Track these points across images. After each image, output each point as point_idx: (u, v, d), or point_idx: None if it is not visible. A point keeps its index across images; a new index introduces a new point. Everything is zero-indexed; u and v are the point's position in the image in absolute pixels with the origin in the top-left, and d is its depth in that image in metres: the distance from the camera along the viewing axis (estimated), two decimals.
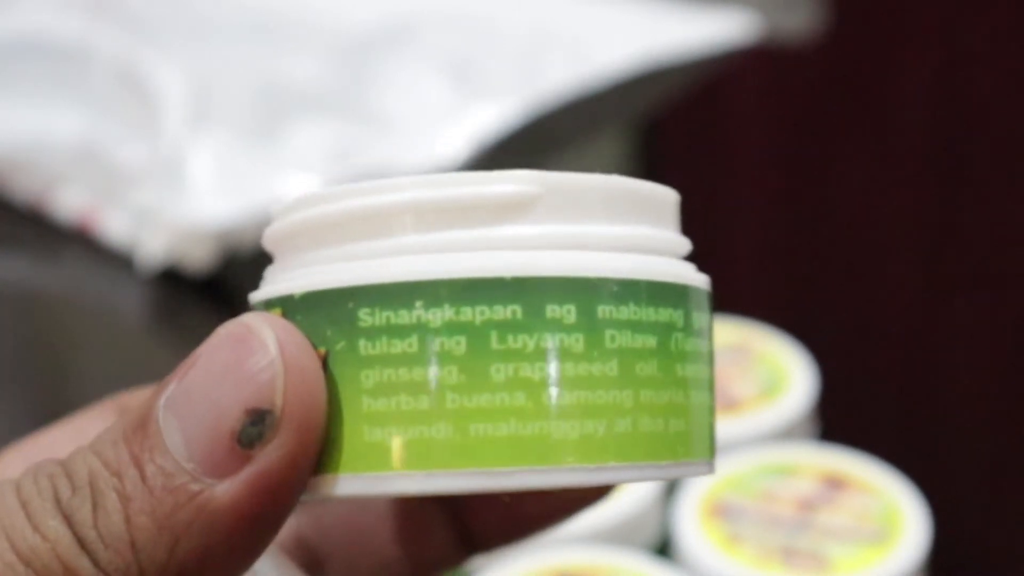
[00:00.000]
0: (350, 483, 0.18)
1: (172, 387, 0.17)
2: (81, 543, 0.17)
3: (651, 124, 0.78)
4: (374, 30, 0.67)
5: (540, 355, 0.18)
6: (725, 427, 0.44)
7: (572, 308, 0.18)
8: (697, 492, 0.41)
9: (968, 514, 0.72)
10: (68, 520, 0.17)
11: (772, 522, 0.40)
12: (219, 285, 0.51)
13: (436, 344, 0.18)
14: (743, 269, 0.88)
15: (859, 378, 0.82)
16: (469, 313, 0.18)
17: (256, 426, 0.17)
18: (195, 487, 0.17)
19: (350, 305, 0.18)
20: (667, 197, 0.21)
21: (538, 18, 0.70)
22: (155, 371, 0.19)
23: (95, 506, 0.17)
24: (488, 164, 0.57)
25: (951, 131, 0.81)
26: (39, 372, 0.56)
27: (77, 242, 0.55)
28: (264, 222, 0.25)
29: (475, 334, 0.18)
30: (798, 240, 0.88)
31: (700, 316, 0.20)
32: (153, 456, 0.17)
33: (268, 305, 0.19)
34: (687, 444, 0.19)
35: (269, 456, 0.17)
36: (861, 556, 0.39)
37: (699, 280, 0.20)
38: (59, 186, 0.57)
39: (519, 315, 0.18)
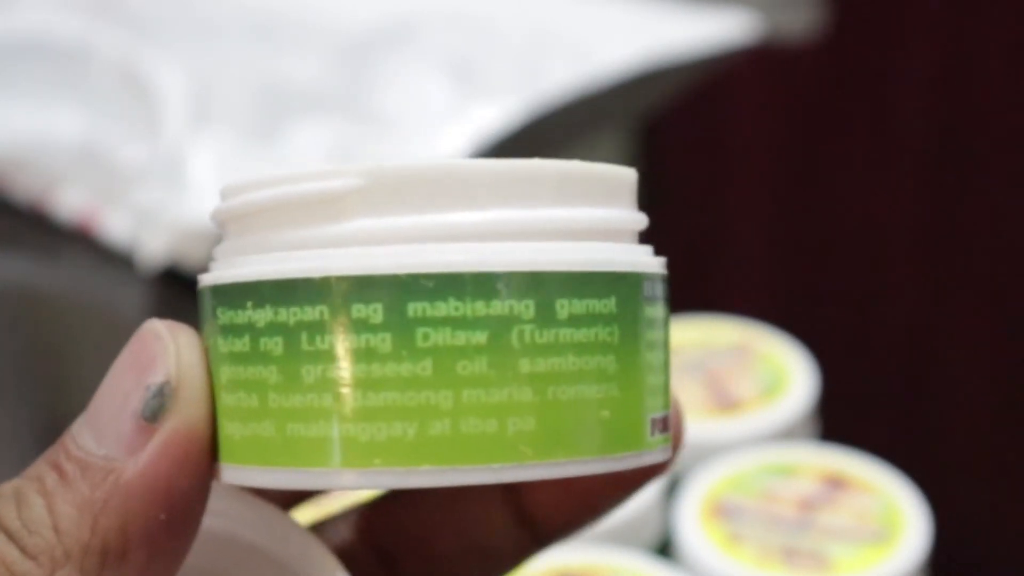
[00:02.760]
0: (227, 473, 0.19)
1: (86, 410, 0.19)
2: (8, 534, 0.18)
3: (651, 124, 0.78)
4: (374, 30, 0.67)
5: (346, 356, 0.18)
6: (725, 427, 0.44)
7: (379, 307, 0.18)
8: (698, 492, 0.41)
9: (968, 514, 0.72)
10: None
11: (773, 522, 0.40)
12: None
13: (261, 344, 0.18)
14: (743, 269, 0.88)
15: (859, 378, 0.82)
16: (284, 314, 0.18)
17: (157, 398, 0.18)
18: (108, 467, 0.18)
19: (212, 304, 0.19)
20: (513, 173, 0.19)
21: (538, 18, 0.70)
22: None
23: (19, 504, 0.18)
24: None
25: (951, 130, 0.81)
26: (39, 372, 0.56)
27: (78, 242, 0.55)
28: None
29: (289, 335, 0.18)
30: (798, 240, 0.88)
31: (577, 303, 0.18)
32: (69, 457, 0.18)
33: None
34: (538, 443, 0.18)
35: (172, 423, 0.18)
36: (862, 556, 0.39)
37: (566, 262, 0.18)
38: (60, 186, 0.57)
39: (326, 315, 0.18)
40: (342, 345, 0.18)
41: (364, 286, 0.18)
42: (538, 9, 0.72)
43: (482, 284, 0.18)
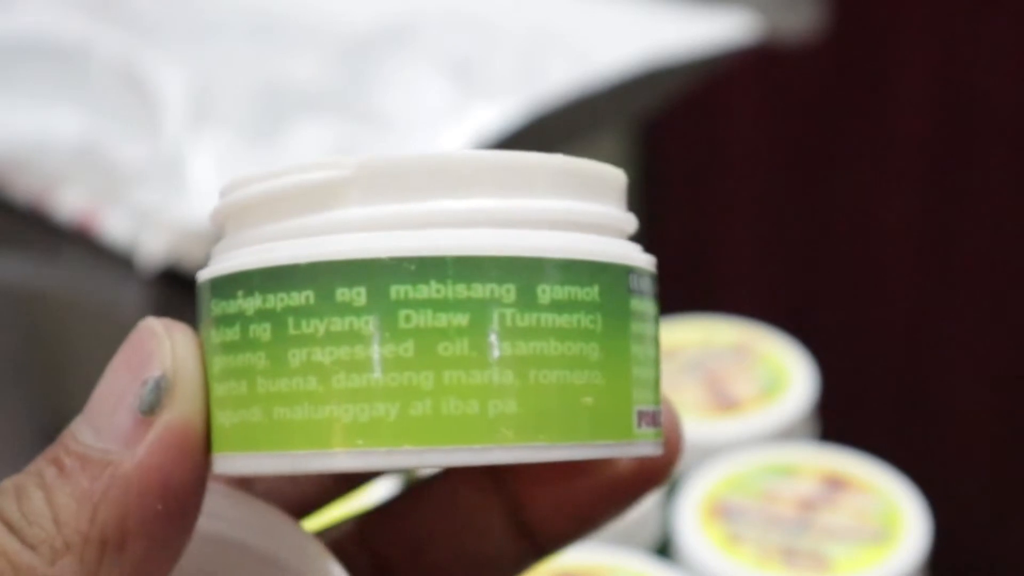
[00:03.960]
0: (218, 462, 0.19)
1: (85, 407, 0.19)
2: (8, 526, 0.18)
3: (651, 124, 0.78)
4: (374, 30, 0.67)
5: (330, 339, 0.18)
6: (725, 427, 0.44)
7: (362, 290, 0.18)
8: (697, 492, 0.41)
9: (968, 514, 0.72)
10: None
11: (772, 522, 0.40)
12: None
13: (250, 331, 0.19)
14: (743, 269, 0.88)
15: (859, 378, 0.82)
16: (272, 300, 0.19)
17: (153, 392, 0.19)
18: (106, 460, 0.19)
19: (207, 297, 0.20)
20: (499, 164, 0.19)
21: (538, 18, 0.70)
22: None
23: (19, 497, 0.19)
24: None
25: (951, 131, 0.81)
26: (39, 372, 0.56)
27: (77, 242, 0.55)
28: None
29: (277, 320, 0.18)
30: (798, 240, 0.88)
31: (559, 289, 0.18)
32: (68, 452, 0.19)
33: None
34: (519, 426, 0.18)
35: (167, 416, 0.19)
36: (861, 556, 0.39)
37: (547, 249, 0.19)
38: (59, 186, 0.57)
39: (311, 300, 0.18)
40: (327, 328, 0.18)
41: (348, 270, 0.18)
42: (538, 9, 0.72)
43: (463, 267, 0.18)
